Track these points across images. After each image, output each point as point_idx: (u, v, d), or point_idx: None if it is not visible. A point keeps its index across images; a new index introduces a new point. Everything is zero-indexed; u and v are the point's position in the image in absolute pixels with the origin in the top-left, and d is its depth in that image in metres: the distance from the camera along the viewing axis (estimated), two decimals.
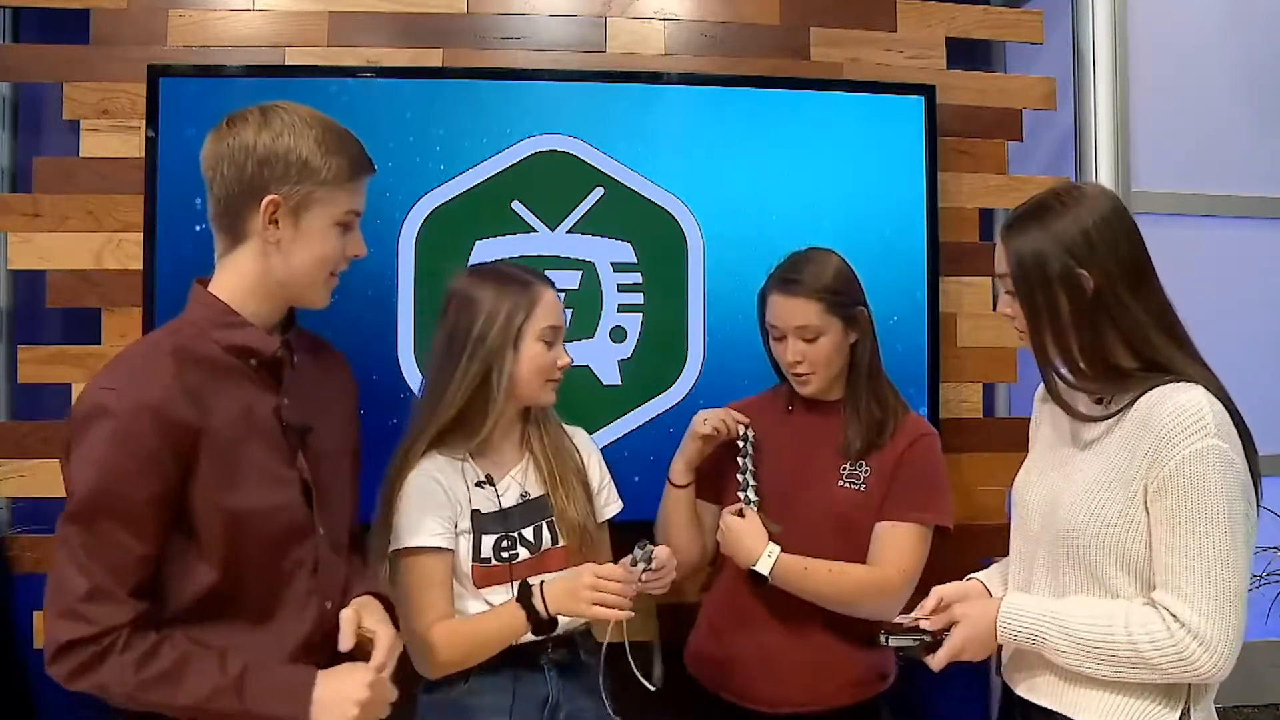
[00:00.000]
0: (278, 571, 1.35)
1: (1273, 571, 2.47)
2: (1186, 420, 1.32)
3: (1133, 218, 1.43)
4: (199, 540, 1.29)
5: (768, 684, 1.81)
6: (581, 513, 1.72)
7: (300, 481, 1.38)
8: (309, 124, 1.35)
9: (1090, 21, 2.60)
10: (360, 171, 1.40)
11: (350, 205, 1.39)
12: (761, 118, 2.36)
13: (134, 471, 1.24)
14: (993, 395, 2.61)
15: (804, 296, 1.79)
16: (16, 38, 2.40)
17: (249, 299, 1.37)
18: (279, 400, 1.38)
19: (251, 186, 1.32)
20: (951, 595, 1.53)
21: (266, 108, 1.36)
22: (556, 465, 1.73)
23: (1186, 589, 1.31)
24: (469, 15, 2.38)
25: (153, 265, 2.17)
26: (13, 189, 2.37)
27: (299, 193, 1.33)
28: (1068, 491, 1.42)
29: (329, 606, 1.39)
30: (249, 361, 1.36)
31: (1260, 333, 2.75)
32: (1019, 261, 1.42)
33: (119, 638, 1.23)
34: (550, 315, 1.68)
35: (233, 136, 1.33)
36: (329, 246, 1.38)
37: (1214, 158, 2.78)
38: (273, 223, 1.33)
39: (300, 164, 1.33)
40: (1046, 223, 1.40)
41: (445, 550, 1.65)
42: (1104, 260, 1.38)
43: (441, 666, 1.64)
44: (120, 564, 1.24)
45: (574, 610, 1.56)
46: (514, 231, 2.28)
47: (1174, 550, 1.32)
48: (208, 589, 1.30)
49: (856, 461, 1.83)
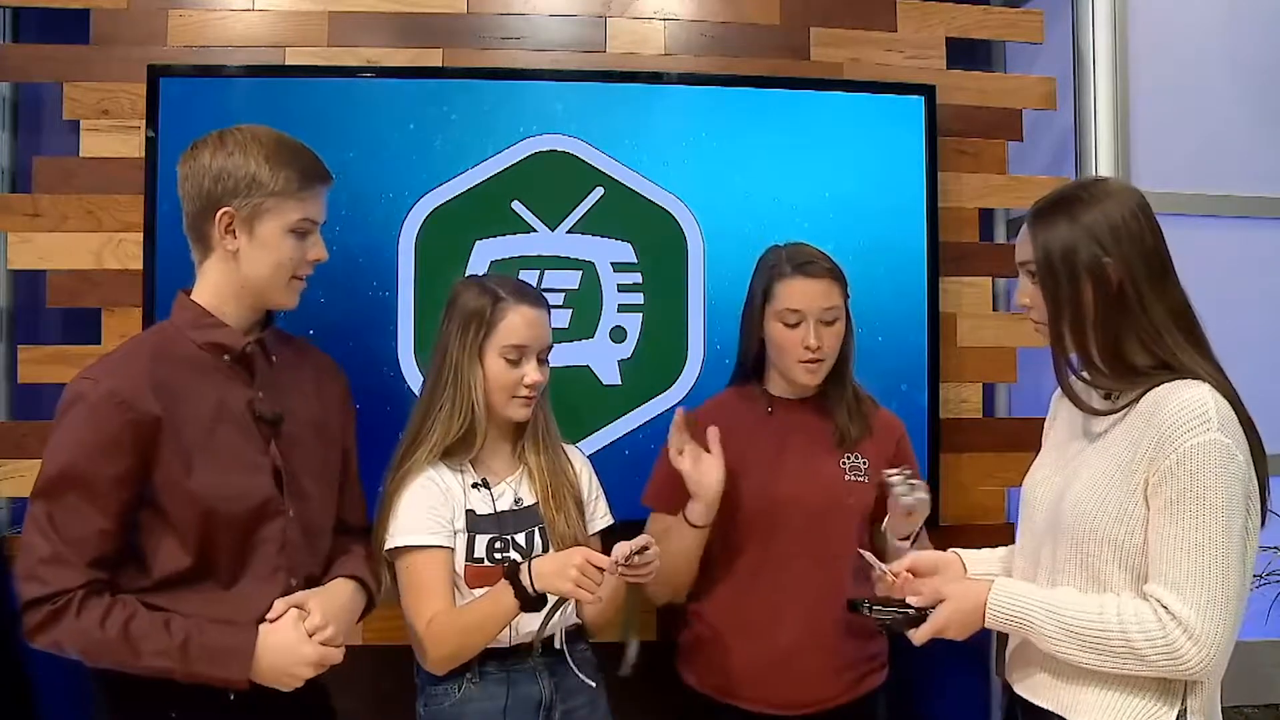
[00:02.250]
0: (244, 546, 1.47)
1: (1273, 571, 2.47)
2: (1189, 414, 1.32)
3: (1154, 214, 1.44)
4: (168, 517, 1.43)
5: (783, 687, 1.80)
6: (573, 527, 1.75)
7: (272, 467, 1.50)
8: (260, 141, 1.49)
9: (1090, 21, 2.60)
10: (311, 182, 1.51)
11: (303, 213, 1.51)
12: (761, 118, 2.36)
13: (98, 452, 1.39)
14: (993, 395, 2.61)
15: (830, 279, 1.82)
16: (16, 38, 2.40)
17: (223, 303, 1.51)
18: (253, 393, 1.51)
19: (209, 201, 1.47)
20: (926, 563, 1.55)
21: (225, 131, 1.51)
22: (552, 482, 1.76)
23: (1179, 581, 1.31)
24: (469, 15, 2.38)
25: (153, 265, 2.17)
26: (13, 189, 2.37)
27: (250, 205, 1.47)
28: (1072, 486, 1.43)
29: (294, 583, 1.51)
30: (222, 357, 1.50)
31: (1260, 333, 2.74)
32: (1047, 250, 1.43)
33: (73, 599, 1.37)
34: (514, 334, 1.70)
35: (194, 159, 1.49)
36: (284, 253, 1.50)
37: (1214, 158, 2.77)
38: (230, 233, 1.48)
39: (249, 178, 1.46)
40: (1075, 214, 1.42)
41: (443, 548, 1.66)
42: (1129, 253, 1.39)
43: (441, 660, 1.65)
44: (80, 535, 1.39)
45: (557, 588, 1.56)
46: (514, 231, 2.28)
47: (1168, 542, 1.32)
48: (179, 560, 1.43)
49: (852, 454, 1.85)
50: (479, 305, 1.71)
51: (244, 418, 1.50)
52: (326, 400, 1.64)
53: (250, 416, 1.50)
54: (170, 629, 1.39)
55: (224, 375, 1.50)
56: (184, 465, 1.43)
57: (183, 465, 1.43)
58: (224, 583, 1.46)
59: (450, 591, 1.67)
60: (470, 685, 1.67)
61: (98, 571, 1.40)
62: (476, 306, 1.72)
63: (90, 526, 1.39)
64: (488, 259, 2.26)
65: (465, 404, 1.70)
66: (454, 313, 1.74)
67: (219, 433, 1.47)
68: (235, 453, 1.48)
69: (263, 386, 1.52)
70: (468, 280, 1.83)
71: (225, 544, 1.45)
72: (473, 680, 1.67)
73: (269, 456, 1.50)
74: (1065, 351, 1.45)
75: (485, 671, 1.68)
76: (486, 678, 1.68)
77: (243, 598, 1.46)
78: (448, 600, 1.65)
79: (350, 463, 1.68)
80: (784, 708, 1.81)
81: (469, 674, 1.67)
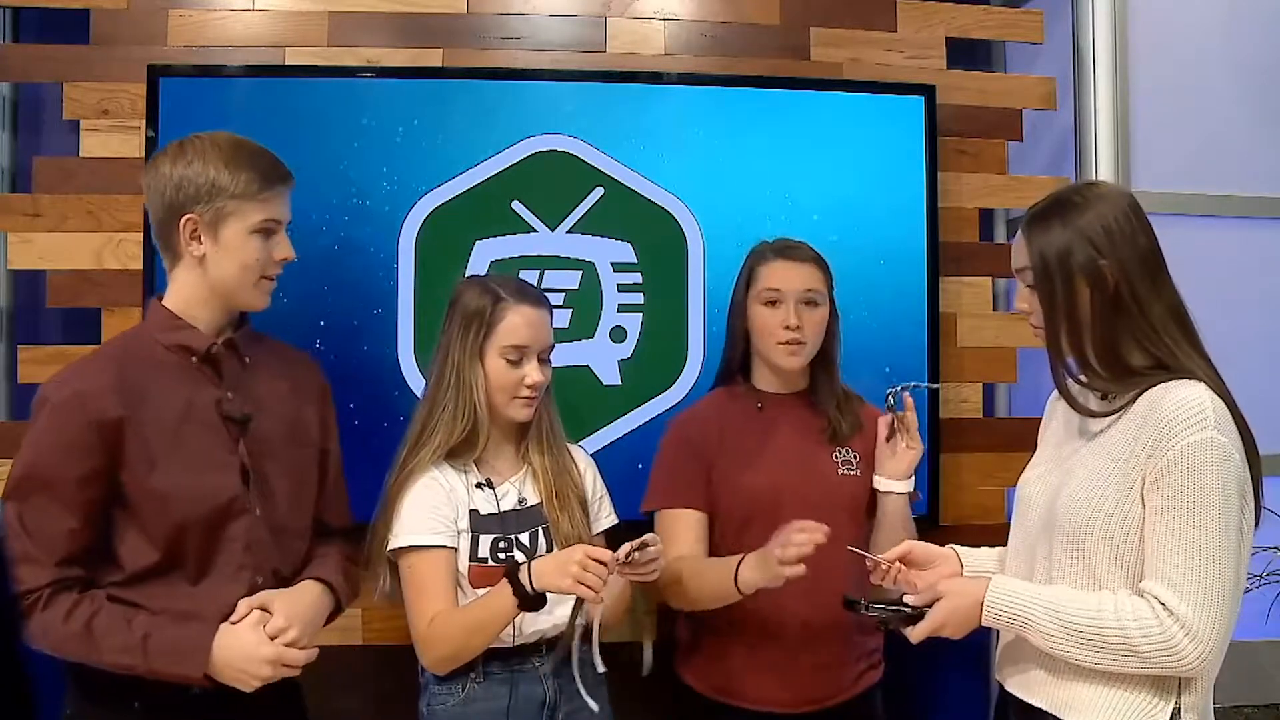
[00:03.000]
0: (210, 544, 1.49)
1: (1273, 571, 2.47)
2: (1186, 412, 1.33)
3: (1145, 215, 1.45)
4: (135, 515, 1.46)
5: (782, 685, 1.80)
6: (577, 527, 1.74)
7: (240, 466, 1.51)
8: (219, 146, 1.51)
9: (1090, 21, 2.60)
10: (271, 183, 1.53)
11: (265, 214, 1.52)
12: (761, 118, 2.36)
13: (61, 454, 1.43)
14: (993, 395, 2.61)
15: (810, 263, 1.85)
16: (16, 38, 2.40)
17: (193, 307, 1.54)
18: (221, 393, 1.53)
19: (172, 210, 1.50)
20: (920, 552, 1.55)
21: (184, 140, 1.53)
22: (556, 483, 1.76)
23: (1176, 578, 1.31)
24: (469, 15, 2.38)
25: (153, 265, 2.16)
26: (13, 189, 2.37)
27: (212, 209, 1.49)
28: (1068, 484, 1.43)
29: (259, 581, 1.52)
30: (190, 358, 1.52)
31: (1260, 333, 2.74)
32: (1042, 255, 1.44)
33: (40, 597, 1.40)
34: (514, 334, 1.70)
35: (155, 170, 1.51)
36: (249, 254, 1.52)
37: (1214, 158, 2.77)
38: (195, 239, 1.50)
39: (209, 184, 1.48)
40: (1069, 217, 1.43)
41: (447, 548, 1.66)
42: (1125, 254, 1.41)
43: (441, 660, 1.65)
44: (48, 534, 1.42)
45: (558, 585, 1.55)
46: (514, 231, 2.28)
47: (1165, 540, 1.33)
48: (146, 556, 1.46)
49: (844, 448, 1.86)
50: (479, 305, 1.71)
51: (211, 417, 1.51)
52: (302, 400, 1.64)
53: (218, 416, 1.52)
54: (131, 626, 1.42)
55: (191, 376, 1.52)
56: (148, 464, 1.45)
57: (147, 464, 1.45)
58: (191, 578, 1.48)
59: (452, 592, 1.67)
60: (474, 685, 1.67)
61: (67, 569, 1.43)
62: (477, 307, 1.71)
63: (58, 526, 1.42)
64: (488, 259, 2.25)
65: (467, 405, 1.70)
66: (455, 313, 1.74)
67: (185, 432, 1.49)
68: (201, 452, 1.49)
69: (232, 386, 1.54)
70: (470, 280, 1.83)
71: (191, 541, 1.47)
72: (476, 680, 1.67)
73: (237, 455, 1.52)
74: (1062, 355, 1.46)
75: (489, 671, 1.68)
76: (490, 678, 1.68)
77: (209, 595, 1.48)
78: (449, 600, 1.65)
79: (330, 463, 1.68)
80: (783, 706, 1.81)
81: (473, 674, 1.67)
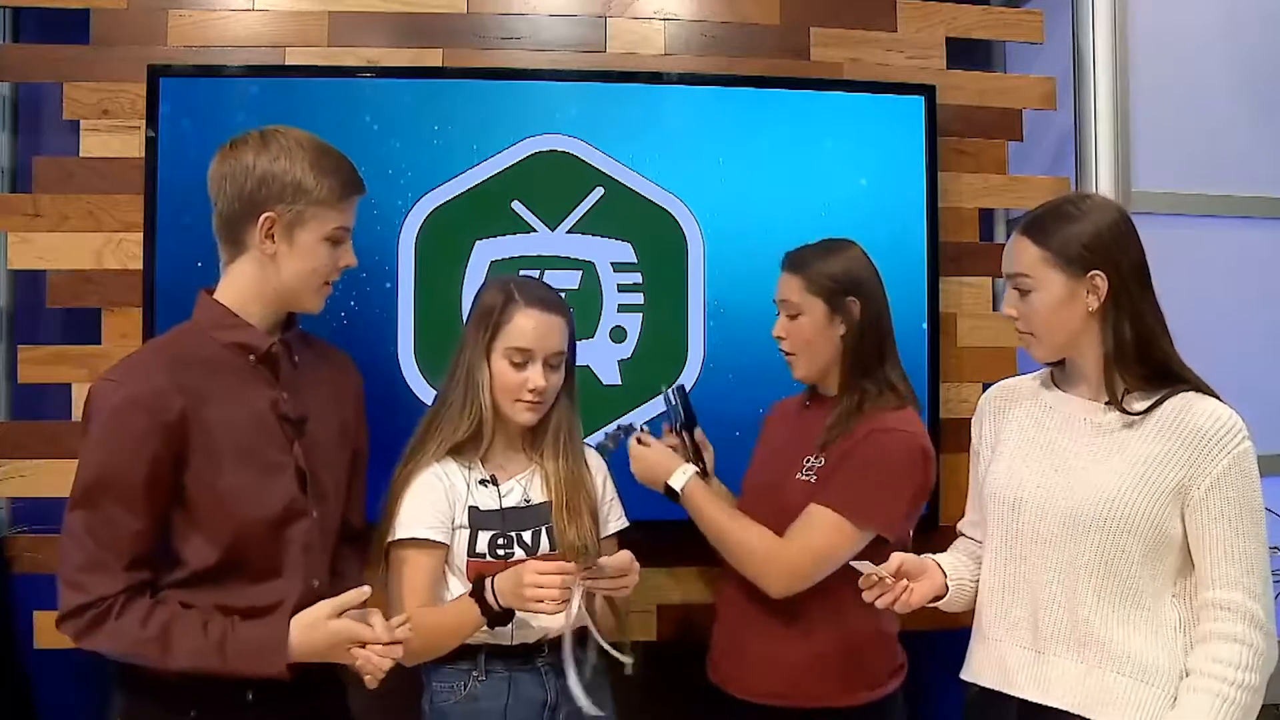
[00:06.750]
0: (269, 545, 1.47)
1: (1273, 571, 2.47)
2: (1224, 426, 1.43)
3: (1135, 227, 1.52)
4: (196, 516, 1.43)
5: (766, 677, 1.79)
6: (584, 538, 1.72)
7: (295, 468, 1.50)
8: (304, 147, 1.48)
9: (1090, 21, 2.61)
10: (350, 192, 1.52)
11: (340, 222, 1.51)
12: (761, 118, 2.36)
13: (127, 457, 1.39)
14: None
15: (789, 272, 1.84)
16: (16, 38, 2.40)
17: (249, 304, 1.50)
18: (277, 393, 1.50)
19: (251, 204, 1.46)
20: (912, 565, 1.58)
21: (266, 131, 1.49)
22: (569, 496, 1.74)
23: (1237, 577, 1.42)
24: (469, 15, 2.38)
25: (153, 265, 2.17)
26: (13, 189, 2.37)
27: (293, 211, 1.46)
28: (1088, 485, 1.47)
29: (315, 585, 1.51)
30: (248, 358, 1.49)
31: (1260, 333, 2.74)
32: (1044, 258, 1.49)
33: (114, 604, 1.38)
34: (519, 336, 1.69)
35: (235, 158, 1.47)
36: (320, 260, 1.50)
37: (1214, 158, 2.77)
38: (269, 237, 1.47)
39: (295, 185, 1.46)
40: (1064, 225, 1.49)
41: (436, 544, 1.67)
42: (1119, 262, 1.47)
43: (410, 655, 1.62)
44: (117, 539, 1.39)
45: (515, 605, 1.57)
46: (514, 231, 2.28)
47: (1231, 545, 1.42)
48: (206, 557, 1.43)
49: (819, 454, 1.78)
50: (491, 304, 1.71)
51: (269, 419, 1.49)
52: (344, 401, 1.64)
53: (275, 417, 1.49)
54: (207, 631, 1.40)
55: (248, 375, 1.49)
56: (213, 465, 1.43)
57: (211, 465, 1.43)
58: (251, 580, 1.46)
59: (434, 589, 1.68)
60: (476, 683, 1.68)
61: (137, 573, 1.41)
62: (489, 305, 1.72)
63: (126, 529, 1.39)
64: (488, 259, 2.26)
65: (473, 403, 1.70)
66: (474, 311, 1.75)
67: (246, 433, 1.46)
68: (261, 454, 1.47)
69: (286, 387, 1.52)
70: (496, 279, 1.83)
71: (252, 543, 1.45)
72: (478, 678, 1.68)
73: (292, 457, 1.50)
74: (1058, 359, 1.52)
75: (491, 670, 1.68)
76: (492, 676, 1.68)
77: (268, 597, 1.46)
78: (428, 598, 1.66)
79: (360, 464, 1.68)
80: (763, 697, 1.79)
81: (475, 671, 1.68)
